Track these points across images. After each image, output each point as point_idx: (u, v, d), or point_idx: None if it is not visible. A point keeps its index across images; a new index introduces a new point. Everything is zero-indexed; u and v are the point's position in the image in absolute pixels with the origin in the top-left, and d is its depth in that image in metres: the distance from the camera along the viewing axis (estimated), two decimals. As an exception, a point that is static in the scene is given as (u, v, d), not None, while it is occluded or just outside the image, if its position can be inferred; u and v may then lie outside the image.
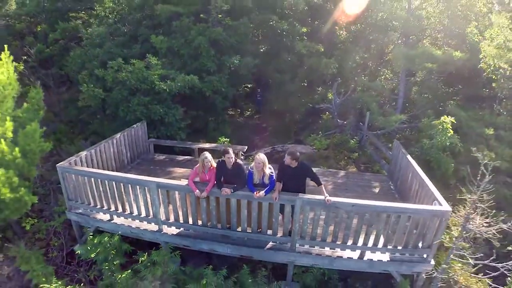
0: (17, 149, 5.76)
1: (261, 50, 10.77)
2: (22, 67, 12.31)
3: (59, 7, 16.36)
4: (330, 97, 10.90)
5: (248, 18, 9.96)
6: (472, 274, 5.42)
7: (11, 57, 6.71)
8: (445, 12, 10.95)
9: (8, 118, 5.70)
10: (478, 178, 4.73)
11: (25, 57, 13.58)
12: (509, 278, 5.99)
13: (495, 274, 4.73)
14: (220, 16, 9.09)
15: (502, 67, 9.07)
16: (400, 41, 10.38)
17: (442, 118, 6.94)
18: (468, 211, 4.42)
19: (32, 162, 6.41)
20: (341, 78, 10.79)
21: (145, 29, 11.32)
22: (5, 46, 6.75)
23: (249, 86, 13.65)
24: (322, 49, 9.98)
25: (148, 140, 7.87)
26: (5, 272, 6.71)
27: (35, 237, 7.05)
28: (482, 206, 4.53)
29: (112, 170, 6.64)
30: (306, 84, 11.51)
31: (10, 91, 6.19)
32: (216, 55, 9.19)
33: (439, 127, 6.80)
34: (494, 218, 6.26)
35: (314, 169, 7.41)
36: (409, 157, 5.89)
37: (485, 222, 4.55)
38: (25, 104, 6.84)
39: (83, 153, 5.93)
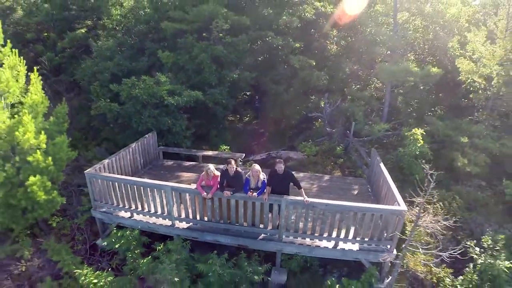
0: (50, 158, 7.02)
1: (258, 63, 12.00)
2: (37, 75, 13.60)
3: (66, 16, 17.65)
4: (322, 105, 12.16)
5: (246, 35, 11.22)
6: (422, 261, 6.68)
7: (39, 77, 8.01)
8: (429, 27, 12.21)
9: (42, 131, 6.98)
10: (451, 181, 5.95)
11: (38, 67, 14.88)
12: (467, 268, 7.28)
13: (437, 260, 5.96)
14: (221, 35, 10.34)
15: (476, 80, 10.34)
16: (386, 54, 11.63)
17: (413, 130, 8.18)
18: (419, 210, 5.63)
19: (60, 168, 7.69)
20: (332, 88, 12.04)
21: (151, 43, 12.59)
22: (34, 68, 8.02)
23: (247, 93, 14.91)
24: (314, 63, 11.24)
25: (158, 148, 9.15)
26: (35, 263, 8.01)
27: (60, 233, 8.32)
28: (429, 207, 5.76)
29: (128, 175, 7.91)
30: (301, 91, 12.75)
31: (41, 108, 7.47)
32: (217, 70, 10.45)
33: (411, 138, 8.04)
34: (447, 216, 7.60)
35: (303, 174, 8.73)
36: (381, 164, 7.14)
37: (433, 220, 5.77)
38: (51, 118, 8.11)
39: (105, 161, 7.21)
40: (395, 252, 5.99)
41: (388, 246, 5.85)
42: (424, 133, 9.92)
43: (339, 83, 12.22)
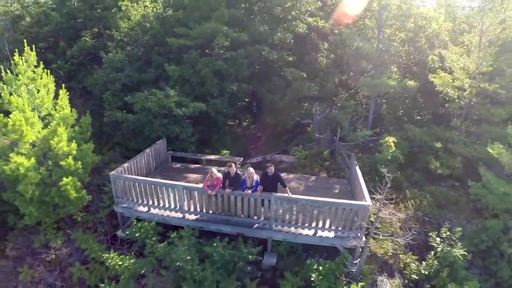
0: (79, 162, 8.62)
1: (255, 74, 13.59)
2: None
3: (73, 25, 19.31)
4: (314, 112, 13.77)
5: (244, 49, 12.82)
6: (391, 249, 8.29)
7: (67, 93, 9.60)
8: (412, 41, 13.78)
9: (74, 140, 8.58)
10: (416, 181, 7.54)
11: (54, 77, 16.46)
12: (429, 255, 8.86)
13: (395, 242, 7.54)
14: (221, 51, 11.93)
15: (450, 92, 11.92)
16: (371, 67, 13.23)
17: (386, 138, 9.78)
18: (378, 205, 7.20)
19: (86, 170, 9.29)
20: (323, 97, 13.64)
21: (158, 56, 14.20)
22: (63, 86, 9.62)
23: (246, 100, 16.51)
24: (305, 75, 12.84)
25: (167, 152, 10.76)
26: (64, 251, 9.61)
27: (84, 226, 9.92)
28: (387, 202, 7.36)
29: (142, 176, 9.52)
30: (294, 100, 14.35)
31: (70, 120, 9.07)
32: (219, 82, 12.06)
33: (385, 145, 9.64)
34: (409, 211, 9.28)
35: (293, 175, 10.33)
36: (357, 167, 8.74)
37: (391, 213, 7.38)
38: (76, 127, 9.70)
39: (125, 164, 8.83)
40: (364, 239, 7.58)
41: (358, 234, 7.44)
42: (401, 140, 11.56)
43: (329, 92, 13.83)
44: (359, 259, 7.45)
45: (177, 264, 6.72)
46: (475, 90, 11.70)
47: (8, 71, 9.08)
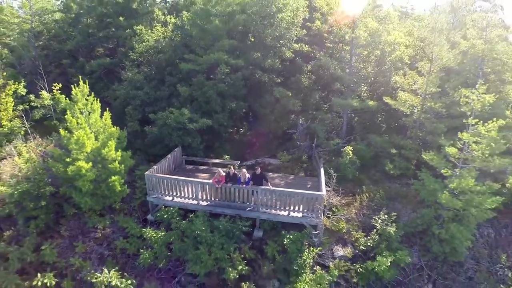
0: (122, 166, 12.68)
1: (250, 93, 17.63)
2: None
3: (90, 42, 23.37)
4: (298, 123, 17.82)
5: (241, 73, 16.88)
6: (334, 223, 12.39)
7: (110, 113, 13.66)
8: (378, 65, 17.80)
9: (119, 150, 12.64)
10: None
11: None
12: (373, 232, 12.93)
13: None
14: (223, 77, 15.98)
15: (403, 109, 15.93)
16: (343, 88, 17.27)
17: (346, 147, 13.88)
18: (330, 194, 11.27)
19: (125, 171, 13.35)
20: (306, 111, 17.71)
21: (169, 76, 18.24)
22: (107, 109, 13.68)
23: (243, 111, 20.56)
24: (290, 94, 16.91)
25: (182, 157, 14.85)
26: (108, 231, 13.67)
27: (122, 212, 13.95)
28: (335, 192, 11.45)
29: (165, 174, 13.60)
30: (282, 113, 18.41)
31: (116, 134, 13.12)
32: (221, 101, 16.12)
33: (344, 152, 13.73)
34: (360, 202, 13.38)
35: (277, 174, 14.46)
36: (321, 168, 12.82)
37: (338, 201, 11.44)
38: (116, 139, 13.74)
39: (154, 166, 12.93)
40: (322, 217, 11.66)
41: (318, 215, 11.52)
42: (365, 147, 15.66)
43: (310, 107, 17.91)
44: (319, 232, 11.55)
45: (196, 233, 10.83)
46: (424, 108, 15.81)
47: (67, 99, 13.22)
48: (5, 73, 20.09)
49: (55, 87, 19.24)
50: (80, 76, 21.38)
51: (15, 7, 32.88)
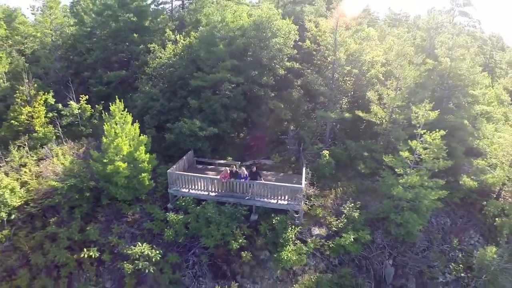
0: (150, 165, 17.58)
1: (249, 104, 22.54)
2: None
3: (106, 55, 28.23)
4: (291, 129, 22.74)
5: (241, 88, 21.76)
6: (312, 209, 17.38)
7: (138, 125, 18.57)
8: (357, 82, 22.63)
9: (148, 154, 17.54)
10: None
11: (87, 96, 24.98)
12: (342, 217, 17.84)
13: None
14: (226, 92, 20.88)
15: (373, 120, 20.78)
16: (327, 101, 22.14)
17: (324, 150, 18.77)
18: (307, 185, 16.15)
19: (151, 169, 18.26)
20: (295, 119, 22.61)
21: (180, 89, 23.09)
22: (137, 121, 18.61)
23: (243, 119, 25.49)
24: (282, 106, 21.80)
25: (193, 158, 19.76)
26: (137, 216, 18.55)
27: (148, 202, 18.81)
28: (313, 187, 16.38)
29: (181, 172, 18.52)
30: (276, 121, 23.33)
31: (145, 142, 18.02)
32: (225, 112, 21.00)
33: (322, 155, 18.64)
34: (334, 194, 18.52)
35: (270, 172, 19.52)
36: (304, 168, 17.71)
37: (311, 190, 16.31)
38: (143, 146, 18.64)
39: (174, 166, 17.86)
40: (303, 204, 16.58)
41: (298, 203, 16.43)
42: (343, 150, 20.56)
43: (300, 116, 22.81)
44: (299, 215, 16.48)
45: (207, 215, 15.76)
46: (391, 119, 20.69)
47: (106, 113, 18.11)
48: (35, 85, 24.95)
49: (82, 98, 24.25)
50: (99, 87, 26.75)
51: (26, 14, 37.95)
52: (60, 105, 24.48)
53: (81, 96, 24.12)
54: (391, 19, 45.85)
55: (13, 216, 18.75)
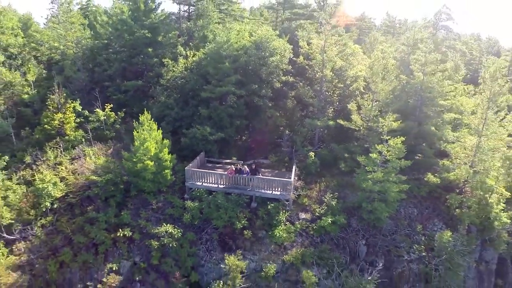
0: (171, 163, 24.16)
1: (250, 112, 29.16)
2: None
3: (124, 67, 34.80)
4: (286, 133, 29.33)
5: (243, 99, 28.34)
6: (299, 198, 24.13)
7: (161, 131, 25.19)
8: (342, 94, 29.17)
9: (170, 154, 24.14)
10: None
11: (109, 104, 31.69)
12: (323, 204, 24.45)
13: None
14: (231, 103, 27.44)
15: (352, 127, 27.30)
16: (316, 110, 28.67)
17: (310, 152, 25.31)
18: (295, 179, 22.74)
19: (171, 166, 24.85)
20: (290, 125, 29.18)
21: (192, 100, 29.65)
22: (160, 128, 25.23)
23: (245, 125, 32.10)
24: (278, 114, 28.36)
25: (204, 158, 26.36)
26: (160, 204, 25.12)
27: (168, 193, 25.37)
28: (300, 181, 22.97)
29: (195, 169, 25.15)
30: (273, 126, 29.92)
31: (168, 144, 24.59)
32: (230, 119, 27.59)
33: (309, 156, 25.19)
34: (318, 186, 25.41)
35: (267, 170, 26.30)
36: (294, 166, 24.29)
37: (299, 183, 22.86)
38: (166, 148, 25.20)
39: (190, 164, 24.44)
40: (292, 194, 23.16)
41: (288, 193, 23.00)
42: (328, 151, 27.13)
43: (294, 122, 29.36)
44: (289, 203, 23.10)
45: (218, 202, 22.37)
46: (368, 126, 27.20)
47: (136, 122, 24.70)
48: (64, 94, 31.50)
49: (107, 106, 30.81)
50: (118, 95, 33.31)
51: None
52: (86, 112, 31.00)
53: (106, 104, 30.71)
54: (386, 25, 52.42)
55: (55, 205, 25.19)
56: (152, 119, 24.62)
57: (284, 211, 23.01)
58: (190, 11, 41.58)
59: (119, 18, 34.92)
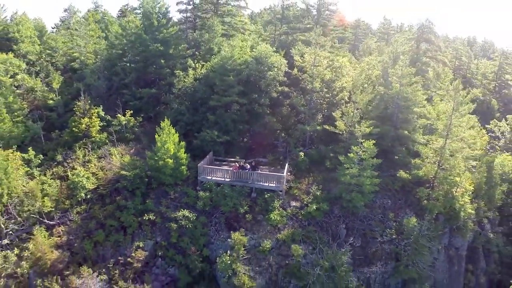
0: (186, 161, 33.08)
1: (251, 118, 38.14)
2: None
3: (139, 76, 43.82)
4: (281, 137, 38.27)
5: (245, 107, 37.26)
6: (291, 190, 33.33)
7: (178, 134, 34.18)
8: (329, 102, 38.09)
9: (187, 154, 33.10)
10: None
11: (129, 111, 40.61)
12: (310, 195, 33.43)
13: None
14: (235, 110, 36.36)
15: (337, 131, 36.28)
16: (307, 116, 37.56)
17: (300, 152, 34.25)
18: (287, 174, 31.73)
19: (186, 164, 33.79)
20: (285, 129, 38.13)
21: (201, 107, 38.56)
22: (177, 132, 34.22)
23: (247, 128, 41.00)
24: (275, 120, 37.29)
25: (212, 157, 35.20)
26: (178, 194, 34.09)
27: (184, 185, 34.26)
28: (292, 176, 31.97)
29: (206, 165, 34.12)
30: (271, 130, 38.85)
31: (183, 145, 33.54)
32: (234, 124, 36.48)
33: (299, 155, 34.15)
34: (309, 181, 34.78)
35: (265, 166, 35.55)
36: (287, 163, 33.22)
37: (291, 177, 31.78)
38: (183, 149, 34.12)
39: (202, 162, 33.37)
40: (283, 186, 32.11)
41: (282, 185, 31.93)
42: (316, 151, 36.10)
43: (288, 126, 38.29)
44: (282, 193, 32.06)
45: (224, 192, 31.32)
46: (349, 130, 36.16)
47: (158, 127, 33.72)
48: (89, 101, 40.40)
49: (127, 112, 39.73)
50: (134, 101, 42.28)
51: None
52: (109, 117, 39.86)
53: (126, 110, 39.61)
54: (381, 32, 61.31)
55: (88, 196, 34.06)
56: (171, 125, 33.51)
57: (278, 199, 31.86)
58: (196, 21, 50.39)
59: (134, 31, 43.83)
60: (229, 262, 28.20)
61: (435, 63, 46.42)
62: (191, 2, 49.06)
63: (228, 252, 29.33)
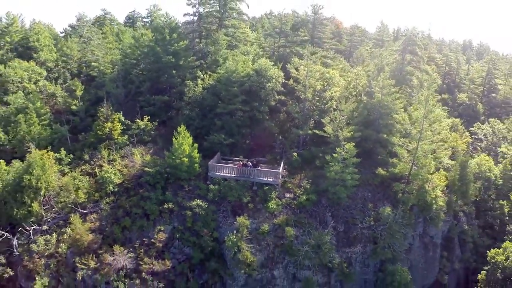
0: (198, 160, 44.98)
1: (252, 123, 50.11)
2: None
3: (152, 84, 55.90)
4: (280, 138, 50.19)
5: (247, 114, 49.15)
6: (286, 184, 45.71)
7: (191, 137, 46.21)
8: (319, 109, 49.99)
9: (199, 155, 45.09)
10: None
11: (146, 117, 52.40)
12: (302, 188, 45.49)
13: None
14: (238, 116, 48.23)
15: (326, 135, 48.25)
16: (300, 121, 49.41)
17: (294, 153, 46.16)
18: (282, 171, 43.74)
19: (198, 162, 45.69)
20: (282, 132, 50.06)
21: (209, 113, 50.41)
22: (190, 134, 46.27)
23: (249, 132, 52.83)
24: (273, 124, 49.21)
25: (220, 156, 46.90)
26: (192, 187, 46.04)
27: (196, 180, 46.09)
28: (286, 172, 44.00)
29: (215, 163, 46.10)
30: (270, 134, 50.78)
31: (195, 147, 45.56)
32: (238, 129, 48.22)
33: (293, 155, 46.05)
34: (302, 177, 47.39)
35: (264, 165, 47.89)
36: (282, 162, 45.17)
37: (285, 173, 43.67)
38: (196, 149, 46.00)
39: (211, 160, 45.22)
40: (280, 181, 44.05)
41: (278, 180, 43.90)
42: (309, 153, 48.10)
43: (285, 130, 50.14)
44: (278, 186, 44.05)
45: (230, 185, 43.29)
46: (337, 134, 48.16)
47: (176, 132, 45.81)
48: (111, 107, 52.27)
49: (145, 117, 51.61)
50: (148, 107, 54.34)
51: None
52: (129, 122, 51.65)
53: (144, 116, 51.43)
54: (376, 38, 73.03)
55: (115, 189, 45.95)
56: (186, 129, 45.47)
57: (275, 191, 43.58)
58: (202, 32, 62.15)
59: (147, 44, 55.66)
60: (235, 240, 39.93)
61: (419, 72, 57.99)
62: (197, 14, 60.48)
63: (234, 232, 41.10)
